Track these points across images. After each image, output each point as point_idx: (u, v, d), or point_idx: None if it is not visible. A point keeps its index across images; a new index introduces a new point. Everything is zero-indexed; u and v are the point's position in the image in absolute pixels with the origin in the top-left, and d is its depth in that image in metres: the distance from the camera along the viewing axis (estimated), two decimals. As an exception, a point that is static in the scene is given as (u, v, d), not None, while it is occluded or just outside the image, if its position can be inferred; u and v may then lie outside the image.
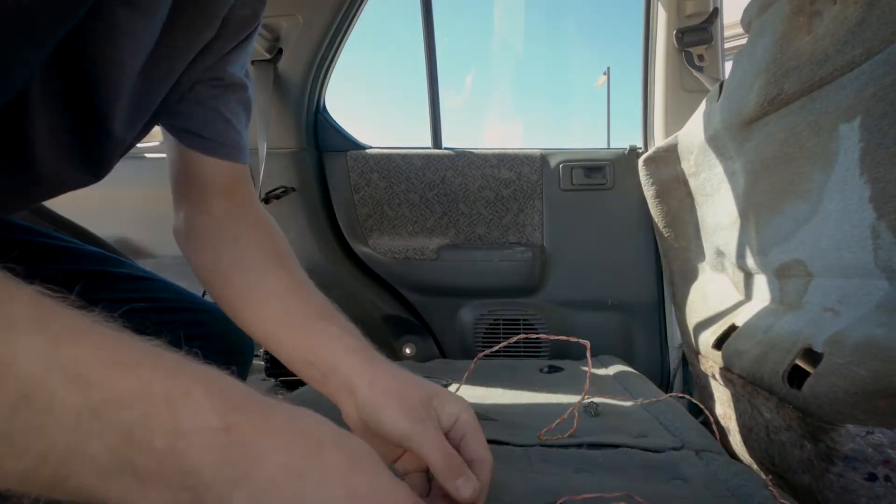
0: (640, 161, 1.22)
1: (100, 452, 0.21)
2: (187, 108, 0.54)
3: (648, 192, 1.21)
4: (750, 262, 0.83)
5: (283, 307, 0.50)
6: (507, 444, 0.58)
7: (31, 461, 0.21)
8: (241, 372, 0.69)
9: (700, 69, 1.23)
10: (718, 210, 0.96)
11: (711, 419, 0.81)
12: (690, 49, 1.24)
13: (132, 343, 0.24)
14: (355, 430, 0.44)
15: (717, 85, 0.93)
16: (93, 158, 0.48)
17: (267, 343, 0.51)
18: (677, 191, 1.15)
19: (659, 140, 1.28)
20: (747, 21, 0.79)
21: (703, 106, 0.97)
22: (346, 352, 0.45)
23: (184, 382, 0.24)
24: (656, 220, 1.21)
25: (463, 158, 1.31)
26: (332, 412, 0.59)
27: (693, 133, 1.01)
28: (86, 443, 0.21)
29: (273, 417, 0.26)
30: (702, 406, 0.88)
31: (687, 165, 1.08)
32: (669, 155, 1.14)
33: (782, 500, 0.44)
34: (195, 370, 0.25)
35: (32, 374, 0.20)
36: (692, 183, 1.08)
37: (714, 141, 0.91)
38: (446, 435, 0.40)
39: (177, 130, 0.55)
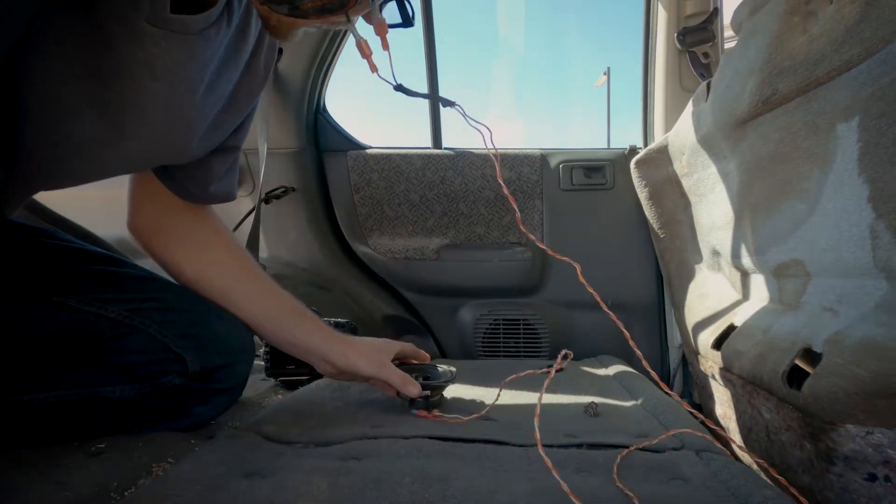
0: (632, 163, 1.22)
1: None
2: (193, 170, 0.64)
3: (642, 193, 1.21)
4: (747, 261, 0.83)
5: (262, 307, 0.70)
6: (507, 444, 0.58)
7: None
8: (243, 371, 0.69)
9: (706, 66, 1.22)
10: (713, 210, 0.96)
11: (711, 419, 0.81)
12: (694, 49, 1.24)
13: None
14: (329, 375, 0.73)
15: (704, 84, 0.93)
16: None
17: (253, 331, 0.71)
18: (671, 192, 1.15)
19: (659, 140, 1.28)
20: (738, 23, 0.79)
21: (689, 106, 0.97)
22: (321, 338, 0.70)
23: None
24: (651, 222, 1.21)
25: (463, 158, 1.31)
26: (330, 412, 0.60)
27: (683, 134, 1.01)
28: None
29: None
30: (702, 406, 0.88)
31: (679, 166, 1.08)
32: (661, 156, 1.14)
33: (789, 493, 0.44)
34: None
35: None
36: (685, 183, 1.08)
37: (706, 141, 0.91)
38: (399, 357, 0.75)
39: (170, 180, 0.65)
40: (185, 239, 0.68)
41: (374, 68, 0.45)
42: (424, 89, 1.37)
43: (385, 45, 0.47)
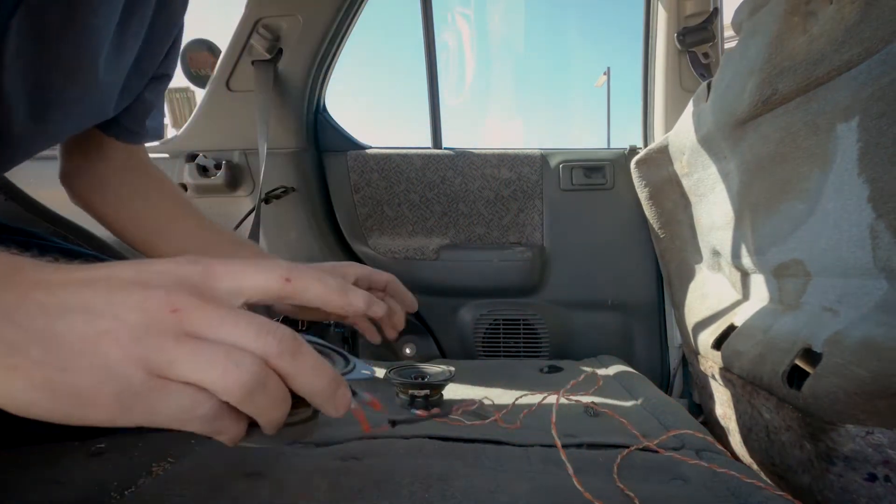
0: (633, 163, 1.22)
1: None
2: (131, 105, 0.60)
3: (642, 193, 1.21)
4: (747, 261, 0.84)
5: (201, 238, 0.67)
6: (507, 444, 0.58)
7: None
8: None
9: (706, 66, 1.23)
10: (713, 210, 0.96)
11: (711, 419, 0.81)
12: (694, 49, 1.24)
13: None
14: (282, 311, 0.63)
15: (705, 84, 0.93)
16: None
17: None
18: (671, 192, 1.15)
19: (660, 140, 1.28)
20: (738, 23, 0.79)
21: (690, 106, 0.97)
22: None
23: None
24: (651, 222, 1.21)
25: (463, 158, 1.31)
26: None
27: (684, 134, 1.01)
28: None
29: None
30: (702, 406, 0.88)
31: (679, 166, 1.08)
32: (661, 156, 1.14)
33: (781, 493, 0.44)
34: None
35: None
36: (685, 183, 1.08)
37: (706, 141, 0.91)
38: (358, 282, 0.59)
39: (107, 124, 0.61)
40: (113, 180, 0.66)
41: (367, 429, 0.42)
42: (424, 89, 1.38)
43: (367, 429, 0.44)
